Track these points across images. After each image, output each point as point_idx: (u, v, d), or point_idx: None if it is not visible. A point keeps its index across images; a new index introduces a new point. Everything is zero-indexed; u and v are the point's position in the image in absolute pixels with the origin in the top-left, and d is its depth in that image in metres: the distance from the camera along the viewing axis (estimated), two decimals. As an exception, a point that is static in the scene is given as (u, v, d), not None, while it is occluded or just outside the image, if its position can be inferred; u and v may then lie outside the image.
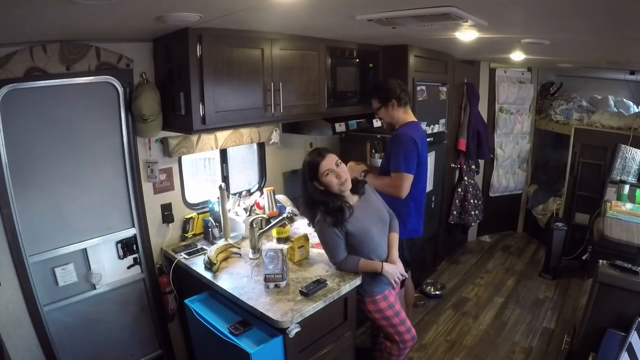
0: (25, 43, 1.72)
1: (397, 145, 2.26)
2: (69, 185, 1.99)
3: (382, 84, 2.42)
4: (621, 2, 1.35)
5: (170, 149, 2.24)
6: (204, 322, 1.82)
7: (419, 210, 2.45)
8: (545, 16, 1.63)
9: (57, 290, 2.02)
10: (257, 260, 2.16)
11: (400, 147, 2.24)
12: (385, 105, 2.34)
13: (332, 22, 1.92)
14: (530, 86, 4.44)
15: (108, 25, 1.64)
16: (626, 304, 1.88)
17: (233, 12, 1.57)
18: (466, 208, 3.86)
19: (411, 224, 2.41)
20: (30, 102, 1.81)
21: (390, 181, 2.26)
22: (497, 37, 2.25)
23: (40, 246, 1.93)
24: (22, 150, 1.83)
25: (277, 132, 2.75)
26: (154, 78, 2.14)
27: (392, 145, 2.30)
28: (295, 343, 1.71)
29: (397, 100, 2.32)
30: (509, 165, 4.56)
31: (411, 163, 2.24)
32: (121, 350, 2.28)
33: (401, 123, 2.36)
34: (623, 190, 3.09)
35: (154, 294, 2.35)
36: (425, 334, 2.96)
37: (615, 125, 3.69)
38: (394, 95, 2.32)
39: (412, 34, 2.21)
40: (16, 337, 1.89)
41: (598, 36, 2.03)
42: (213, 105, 1.97)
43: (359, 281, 1.98)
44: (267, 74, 2.17)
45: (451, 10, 1.51)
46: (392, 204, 2.24)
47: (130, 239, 2.23)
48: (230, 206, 2.50)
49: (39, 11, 1.29)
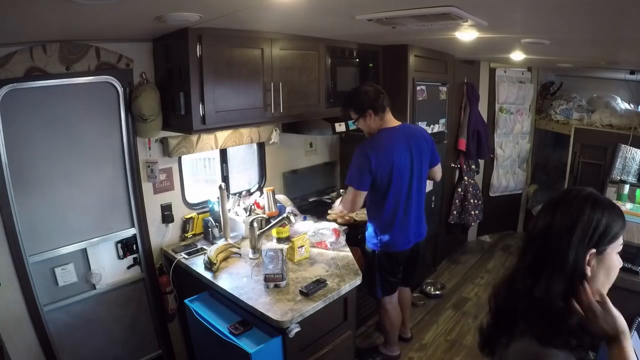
0: (25, 43, 1.72)
1: (353, 157, 2.24)
2: (69, 185, 1.99)
3: (356, 94, 2.26)
4: (621, 2, 1.35)
5: (170, 149, 2.24)
6: (204, 322, 1.82)
7: (401, 223, 2.31)
8: (545, 16, 1.63)
9: (57, 290, 2.02)
10: (257, 260, 2.16)
11: (354, 160, 2.23)
12: (363, 117, 2.25)
13: (332, 22, 1.92)
14: (530, 86, 4.44)
15: (108, 25, 1.64)
16: (626, 304, 1.87)
17: (233, 12, 1.57)
18: (466, 208, 3.86)
19: (388, 236, 2.32)
20: (30, 102, 1.81)
21: (344, 195, 2.30)
22: (497, 37, 2.24)
23: (40, 246, 1.93)
24: (22, 150, 1.82)
25: (277, 132, 2.75)
26: (153, 78, 2.14)
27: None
28: (295, 343, 1.71)
29: (373, 110, 2.21)
30: (509, 165, 4.56)
31: (363, 179, 2.19)
32: (121, 350, 2.28)
33: (375, 131, 2.28)
34: (623, 190, 3.09)
35: (154, 294, 2.35)
36: (425, 333, 2.96)
37: (616, 125, 3.69)
38: (369, 106, 2.21)
39: (412, 33, 2.21)
40: (16, 337, 1.89)
41: (598, 36, 2.03)
42: (213, 105, 1.97)
43: (359, 281, 1.98)
44: (267, 74, 2.17)
45: (451, 10, 1.51)
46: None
47: (130, 239, 2.23)
48: (230, 206, 2.50)
49: (39, 11, 1.29)
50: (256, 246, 2.20)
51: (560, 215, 0.88)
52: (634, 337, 1.82)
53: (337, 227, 2.42)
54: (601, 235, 0.86)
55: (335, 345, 1.93)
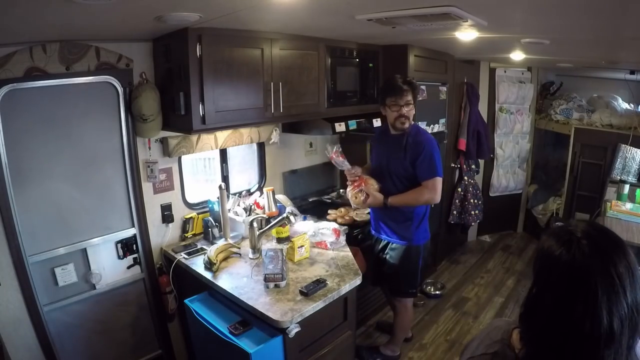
0: (25, 43, 1.72)
1: (427, 150, 2.21)
2: (69, 185, 1.99)
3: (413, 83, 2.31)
4: (621, 2, 1.35)
5: (170, 148, 2.24)
6: (204, 322, 1.82)
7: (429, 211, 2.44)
8: (545, 16, 1.63)
9: (57, 290, 2.02)
10: (257, 260, 2.16)
11: (432, 153, 2.22)
12: (414, 103, 2.28)
13: (332, 21, 1.92)
14: (530, 86, 4.44)
15: (108, 25, 1.64)
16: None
17: (233, 12, 1.57)
18: (466, 208, 3.86)
19: (428, 224, 2.45)
20: (30, 102, 1.81)
21: (429, 189, 2.23)
22: (497, 37, 2.24)
23: (40, 246, 1.93)
24: (22, 150, 1.82)
25: (277, 132, 2.75)
26: (153, 78, 2.14)
27: (421, 150, 2.22)
28: (295, 343, 1.71)
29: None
30: (509, 165, 4.56)
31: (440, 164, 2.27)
32: (121, 350, 2.28)
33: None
34: (623, 190, 3.09)
35: (153, 294, 2.35)
36: (425, 333, 2.96)
37: (616, 125, 3.69)
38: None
39: (412, 33, 2.21)
40: (16, 337, 1.89)
41: (598, 36, 2.03)
42: (213, 105, 1.97)
43: (358, 281, 1.98)
44: (267, 74, 2.17)
45: (451, 10, 1.51)
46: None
47: (130, 239, 2.23)
48: (230, 206, 2.50)
49: (38, 11, 1.29)
50: (256, 246, 2.20)
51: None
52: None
53: (337, 227, 2.42)
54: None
55: (335, 345, 1.93)
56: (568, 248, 0.71)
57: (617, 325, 0.67)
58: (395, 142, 2.31)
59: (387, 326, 2.88)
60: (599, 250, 0.70)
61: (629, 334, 0.68)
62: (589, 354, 0.68)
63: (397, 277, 2.42)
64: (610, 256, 0.69)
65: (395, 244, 2.39)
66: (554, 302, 0.71)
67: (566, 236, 0.73)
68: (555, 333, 0.70)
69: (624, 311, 0.67)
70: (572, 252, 0.70)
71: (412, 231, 2.35)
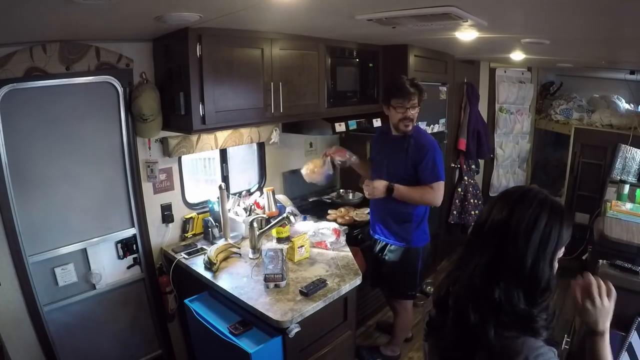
0: (25, 43, 1.72)
1: (430, 154, 2.20)
2: (69, 185, 1.99)
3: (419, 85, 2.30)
4: (621, 2, 1.35)
5: (170, 148, 2.24)
6: (204, 322, 1.82)
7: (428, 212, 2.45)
8: (545, 16, 1.63)
9: (57, 290, 2.02)
10: (257, 260, 2.16)
11: (434, 157, 2.21)
12: (419, 105, 2.27)
13: (332, 22, 1.92)
14: (530, 86, 4.44)
15: (108, 25, 1.64)
16: (626, 304, 1.87)
17: (233, 12, 1.57)
18: (466, 208, 3.86)
19: (427, 225, 2.45)
20: (30, 102, 1.81)
21: (433, 192, 2.22)
22: (497, 37, 2.24)
23: (40, 246, 1.93)
24: (22, 150, 1.82)
25: (277, 132, 2.75)
26: (153, 78, 2.14)
27: (424, 154, 2.21)
28: (295, 343, 1.71)
29: None
30: (509, 165, 4.56)
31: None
32: (121, 350, 2.28)
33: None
34: (623, 190, 3.09)
35: (153, 294, 2.35)
36: (425, 333, 2.96)
37: (616, 125, 3.69)
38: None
39: (412, 33, 2.21)
40: (16, 337, 1.89)
41: (598, 36, 2.03)
42: (213, 105, 1.97)
43: (358, 281, 1.98)
44: (267, 74, 2.17)
45: (451, 10, 1.51)
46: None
47: (130, 239, 2.23)
48: (230, 206, 2.50)
49: (38, 11, 1.29)
50: (256, 246, 2.20)
51: (517, 214, 0.89)
52: (634, 337, 1.82)
53: (337, 227, 2.42)
54: (555, 246, 0.89)
55: (335, 345, 1.93)
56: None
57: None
58: (396, 144, 2.31)
59: (387, 326, 2.88)
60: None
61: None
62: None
63: (396, 279, 2.42)
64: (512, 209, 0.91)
65: (393, 246, 2.38)
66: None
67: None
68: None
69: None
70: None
71: (411, 232, 2.34)
